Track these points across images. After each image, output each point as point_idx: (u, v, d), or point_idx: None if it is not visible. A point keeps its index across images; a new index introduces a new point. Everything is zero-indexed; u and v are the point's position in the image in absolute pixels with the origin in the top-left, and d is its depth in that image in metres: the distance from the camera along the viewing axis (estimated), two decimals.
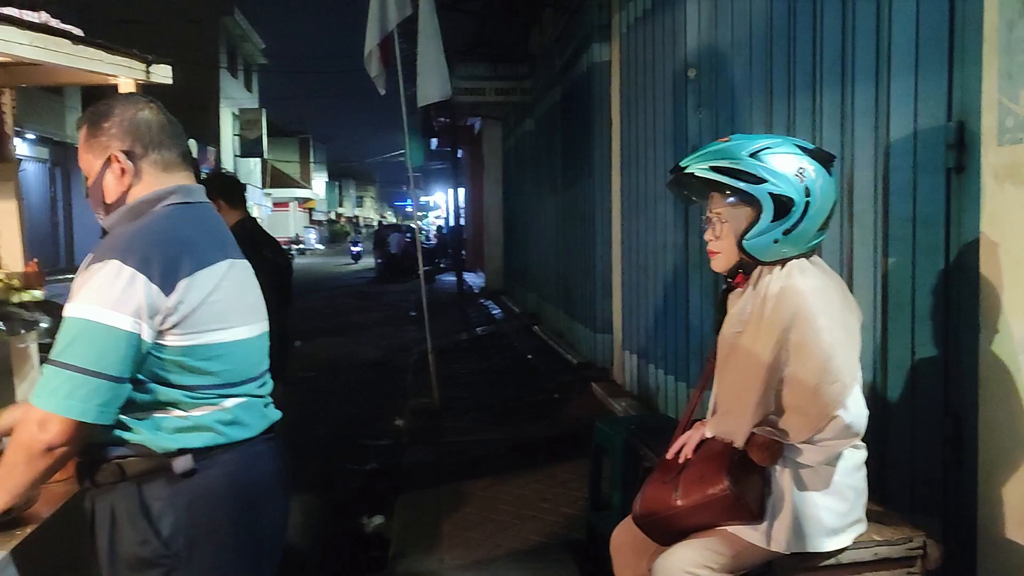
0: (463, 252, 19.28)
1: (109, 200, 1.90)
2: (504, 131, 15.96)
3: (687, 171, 2.31)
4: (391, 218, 74.55)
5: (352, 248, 35.62)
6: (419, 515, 4.60)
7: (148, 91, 2.60)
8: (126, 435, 1.78)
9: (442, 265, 24.56)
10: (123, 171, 1.86)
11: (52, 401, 1.66)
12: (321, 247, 46.78)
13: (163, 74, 2.68)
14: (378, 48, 6.71)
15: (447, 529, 4.33)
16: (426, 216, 51.19)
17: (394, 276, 22.81)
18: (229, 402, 1.84)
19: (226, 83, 33.18)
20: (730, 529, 2.22)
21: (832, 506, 2.22)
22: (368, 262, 29.88)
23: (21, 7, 2.05)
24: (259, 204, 38.71)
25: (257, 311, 1.98)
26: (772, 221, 2.20)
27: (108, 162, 1.87)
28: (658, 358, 5.76)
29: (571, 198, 8.86)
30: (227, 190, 4.14)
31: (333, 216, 62.64)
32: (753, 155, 2.23)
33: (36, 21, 1.99)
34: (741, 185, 2.22)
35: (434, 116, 16.25)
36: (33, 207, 17.64)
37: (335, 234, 55.30)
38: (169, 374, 1.76)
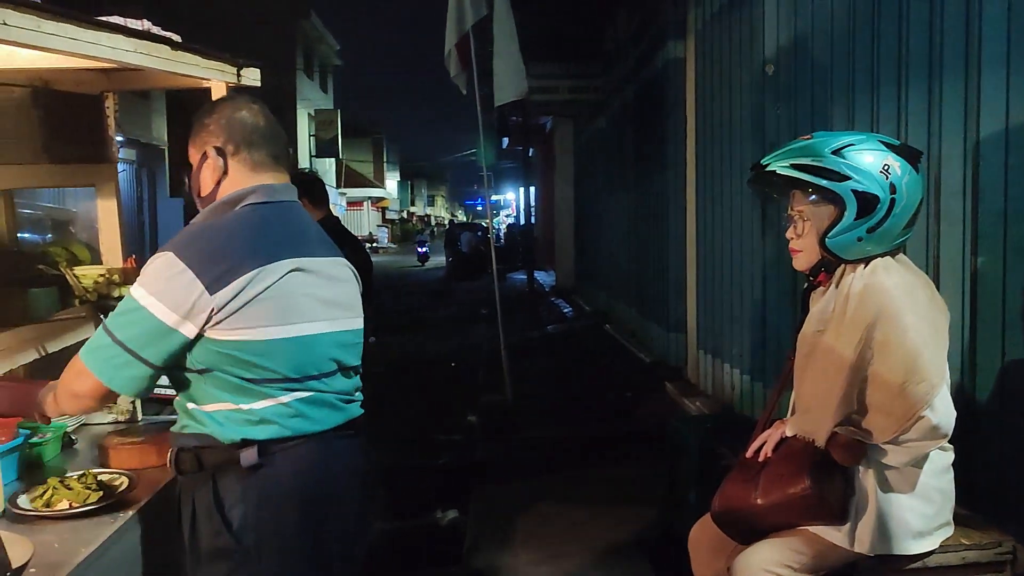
0: (533, 250, 19.28)
1: (203, 193, 1.99)
2: (576, 129, 15.93)
3: (768, 169, 2.29)
4: (461, 217, 75.08)
5: (419, 249, 32.66)
6: (493, 510, 4.65)
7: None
8: (198, 427, 1.86)
9: (514, 264, 24.62)
10: (214, 166, 1.96)
11: (90, 359, 1.80)
12: (393, 245, 47.40)
13: (252, 77, 2.77)
14: (456, 48, 6.78)
15: (521, 524, 4.37)
16: (497, 215, 51.42)
17: (465, 274, 22.95)
18: (291, 396, 1.85)
19: (302, 85, 33.86)
20: (811, 529, 2.20)
21: (918, 508, 2.18)
22: (436, 261, 30.04)
23: (100, 12, 2.15)
24: (334, 203, 39.31)
25: (334, 308, 1.97)
26: (855, 219, 2.17)
27: (204, 157, 1.97)
28: (734, 357, 5.70)
29: (644, 196, 8.81)
30: (309, 189, 4.24)
31: (405, 215, 63.41)
32: (836, 152, 2.21)
33: (139, 28, 2.09)
34: (823, 183, 2.19)
35: (507, 115, 16.31)
36: (123, 206, 18.24)
37: (407, 233, 55.98)
38: (227, 366, 1.81)
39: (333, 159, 38.09)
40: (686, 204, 7.06)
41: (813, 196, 2.23)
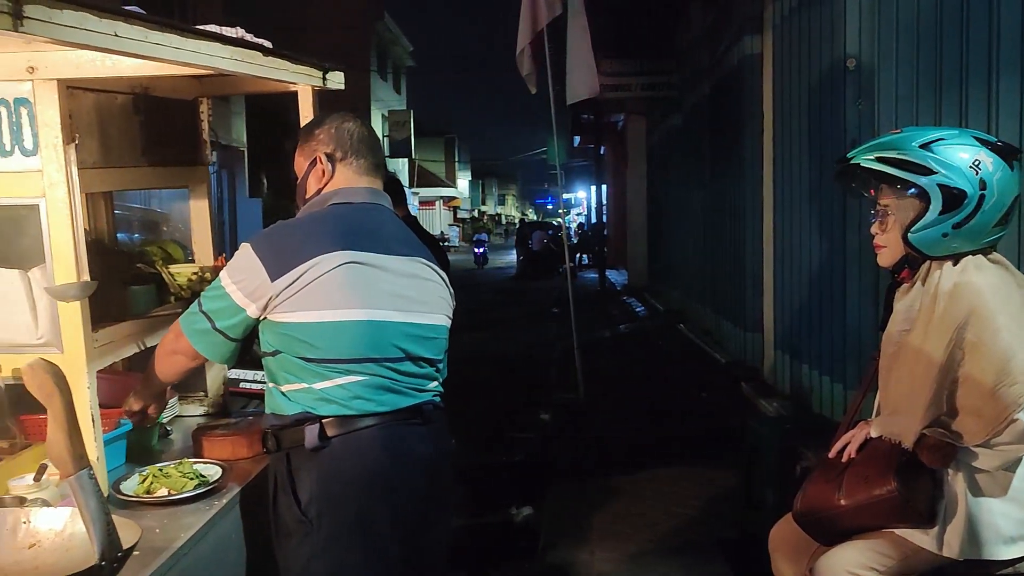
0: (605, 249, 19.23)
1: (308, 196, 2.16)
2: (649, 127, 15.82)
3: (853, 162, 2.26)
4: (532, 216, 75.19)
5: (476, 250, 30.39)
6: (568, 507, 4.67)
7: (321, 96, 2.78)
8: (276, 407, 2.04)
9: (584, 262, 24.57)
10: (323, 172, 2.13)
11: (184, 322, 2.09)
12: (465, 244, 47.75)
13: (336, 81, 2.85)
14: (529, 47, 6.82)
15: (596, 522, 4.38)
16: (568, 213, 51.29)
17: (535, 273, 22.99)
18: (351, 378, 1.97)
19: (376, 86, 34.38)
20: (897, 532, 2.16)
21: (1010, 513, 2.12)
22: (501, 260, 29.98)
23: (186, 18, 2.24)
24: (407, 203, 39.67)
25: (402, 300, 2.06)
26: (941, 214, 2.13)
27: (313, 163, 2.14)
28: (812, 358, 5.60)
29: (719, 193, 8.71)
30: (388, 189, 4.33)
31: (476, 214, 63.78)
32: (924, 146, 2.16)
33: (234, 36, 2.18)
34: (907, 176, 2.15)
35: (579, 113, 16.31)
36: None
37: (477, 231, 56.33)
38: (291, 347, 1.98)
39: (406, 159, 38.59)
40: (762, 201, 6.95)
41: (897, 189, 2.19)
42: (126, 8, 1.71)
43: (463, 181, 56.27)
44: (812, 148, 5.54)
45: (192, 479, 2.24)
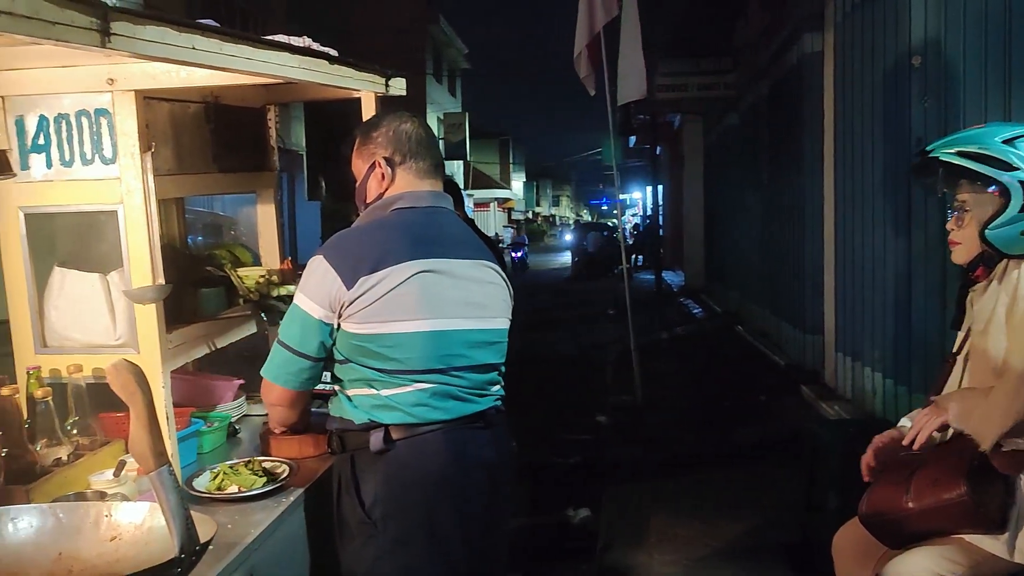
0: (661, 250, 19.08)
1: (369, 200, 2.16)
2: (705, 126, 15.67)
3: (932, 155, 2.22)
4: (586, 217, 74.93)
5: (513, 254, 27.34)
6: (626, 510, 4.66)
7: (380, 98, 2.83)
8: (341, 410, 2.07)
9: (639, 263, 24.42)
10: (383, 176, 2.12)
11: (267, 368, 2.09)
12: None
13: (398, 87, 2.90)
14: (586, 49, 6.83)
15: (655, 525, 4.37)
16: (623, 214, 50.88)
17: (590, 274, 22.92)
18: (416, 386, 1.99)
19: (431, 88, 34.62)
20: (967, 538, 2.12)
21: None
22: (552, 263, 29.77)
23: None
24: (464, 205, 39.78)
25: (467, 307, 2.06)
26: (1021, 211, 2.08)
27: (372, 167, 2.14)
28: (875, 361, 5.50)
29: (778, 193, 8.60)
30: (447, 191, 4.37)
31: (530, 215, 63.82)
32: (1007, 142, 2.12)
33: (301, 45, 2.24)
34: (986, 170, 2.11)
35: (633, 114, 16.22)
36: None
37: (532, 233, 56.33)
38: (361, 357, 1.99)
39: (461, 161, 38.81)
40: (823, 201, 6.85)
41: (977, 185, 2.15)
42: (200, 22, 1.78)
43: (517, 182, 56.36)
44: (876, 147, 5.44)
45: (261, 477, 2.29)
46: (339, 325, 2.00)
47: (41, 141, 2.23)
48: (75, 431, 2.25)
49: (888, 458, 2.33)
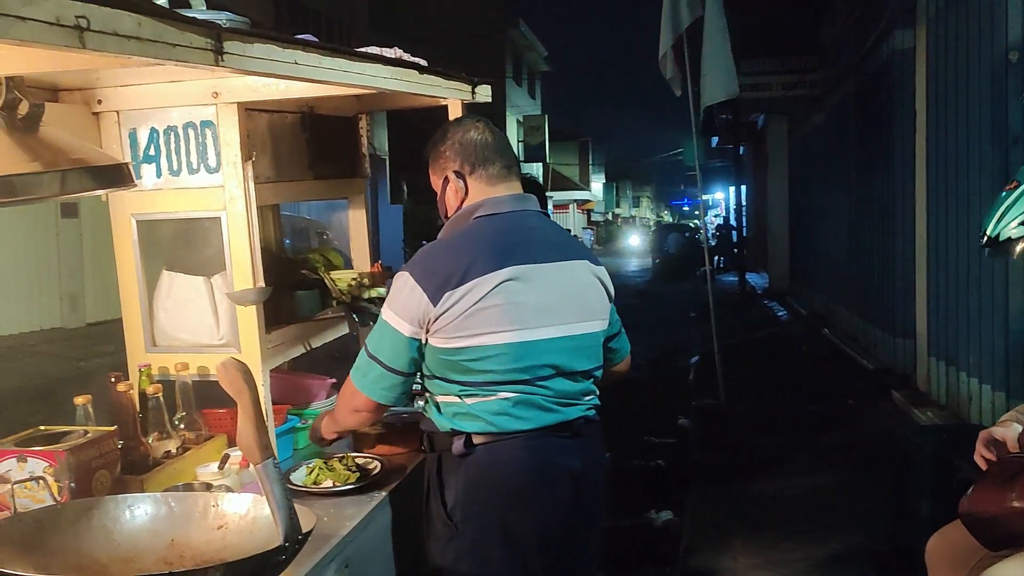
0: (744, 251, 18.76)
1: (449, 214, 2.16)
2: (790, 126, 15.37)
3: (1000, 239, 2.18)
4: (667, 218, 74.17)
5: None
6: (709, 513, 4.63)
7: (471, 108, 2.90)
8: (429, 414, 2.10)
9: (722, 265, 24.07)
10: (456, 189, 2.12)
11: (356, 377, 2.11)
12: (599, 247, 47.67)
13: (484, 94, 2.97)
14: (671, 50, 6.80)
15: (739, 529, 4.33)
16: (705, 215, 50.16)
17: (671, 276, 22.69)
18: (499, 396, 1.99)
19: (511, 91, 34.83)
20: None
21: None
22: (632, 265, 29.52)
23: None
24: (546, 205, 39.82)
25: (555, 314, 2.04)
26: None
27: (446, 181, 2.14)
28: (972, 365, 5.32)
29: (867, 193, 8.39)
30: (528, 191, 4.42)
31: (610, 217, 63.52)
32: None
33: (393, 56, 2.32)
34: None
35: (716, 114, 16.02)
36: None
37: (611, 235, 56.05)
38: (446, 369, 2.01)
39: (540, 163, 38.90)
40: (915, 202, 6.67)
41: None
42: (300, 37, 1.87)
43: (597, 184, 56.18)
44: (971, 145, 5.27)
45: (354, 472, 2.37)
46: (426, 340, 2.00)
47: (152, 152, 2.37)
48: (182, 425, 2.37)
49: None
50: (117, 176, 1.57)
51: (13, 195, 1.38)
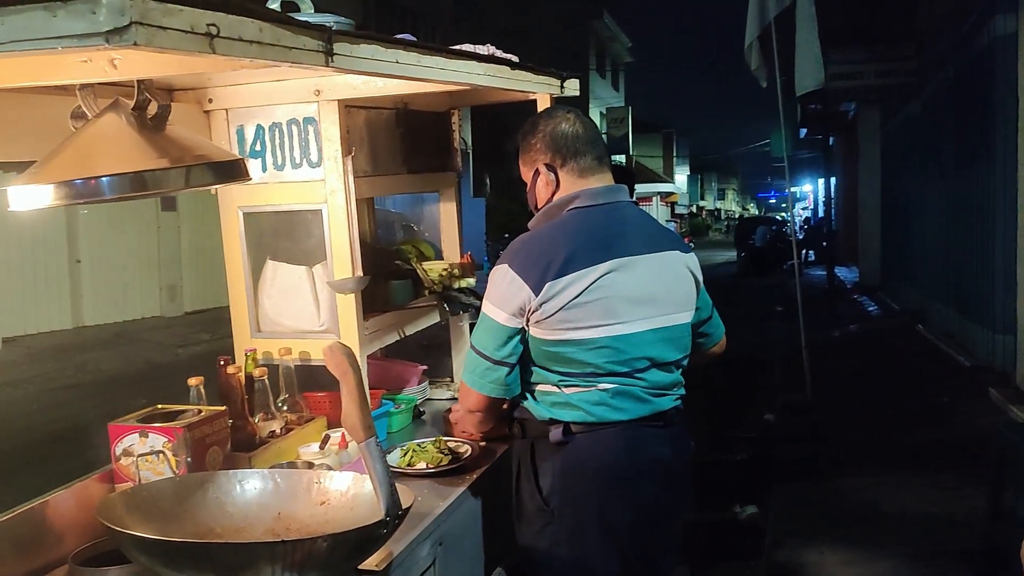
0: (834, 245, 18.29)
1: (540, 206, 2.19)
2: (883, 116, 14.91)
3: None
4: (752, 211, 72.71)
5: None
6: (795, 508, 4.59)
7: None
8: (524, 400, 2.13)
9: (810, 258, 23.51)
10: (547, 181, 2.14)
11: (466, 376, 2.13)
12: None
13: (572, 88, 3.01)
14: (758, 40, 6.71)
15: (826, 524, 4.28)
16: (793, 207, 48.98)
17: (757, 270, 22.26)
18: (598, 387, 2.02)
19: (594, 83, 34.64)
20: None
21: None
22: (716, 258, 28.99)
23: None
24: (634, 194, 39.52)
25: (650, 306, 2.06)
26: None
27: (536, 174, 2.16)
28: None
29: (965, 185, 8.12)
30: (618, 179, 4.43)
31: (694, 209, 62.65)
32: None
33: (485, 53, 2.39)
34: None
35: (805, 104, 15.66)
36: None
37: (696, 228, 55.28)
38: (545, 360, 2.04)
39: (623, 155, 38.61)
40: (1017, 193, 6.43)
41: None
42: (399, 37, 1.95)
43: (681, 176, 55.44)
44: None
45: (446, 455, 2.46)
46: (528, 330, 2.03)
47: (258, 148, 2.51)
48: (285, 407, 2.51)
49: None
50: (235, 171, 1.68)
51: (145, 189, 1.50)
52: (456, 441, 2.58)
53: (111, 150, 1.54)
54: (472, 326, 2.33)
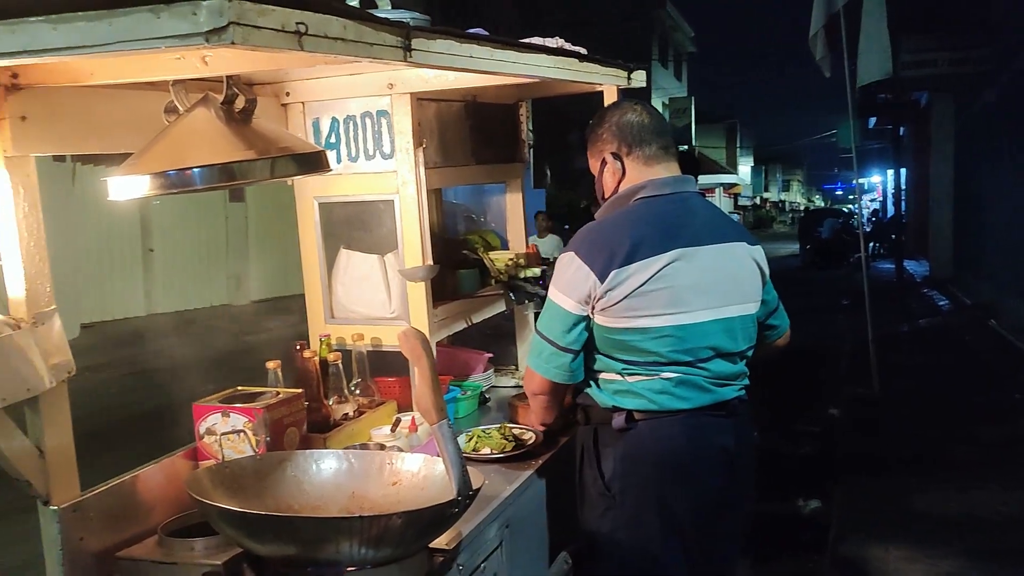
0: (903, 237, 17.84)
1: (607, 195, 2.21)
2: (957, 105, 14.48)
3: None
4: (818, 202, 71.23)
5: None
6: (859, 503, 4.55)
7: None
8: (588, 387, 2.16)
9: (879, 251, 22.97)
10: (614, 170, 2.17)
11: (531, 360, 2.16)
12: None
13: (639, 79, 3.02)
14: (823, 30, 6.61)
15: (891, 520, 4.23)
16: (860, 199, 47.84)
17: (823, 262, 21.84)
18: (661, 376, 2.05)
19: (657, 74, 34.28)
20: None
21: None
22: (781, 251, 28.46)
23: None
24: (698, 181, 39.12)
25: (715, 296, 2.07)
26: None
27: (603, 163, 2.19)
28: None
29: None
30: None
31: (758, 201, 61.63)
32: None
33: (554, 46, 2.42)
34: None
35: (875, 93, 15.29)
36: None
37: (759, 219, 54.41)
38: (609, 348, 2.07)
39: (686, 146, 38.14)
40: None
41: None
42: (471, 32, 2.00)
43: (744, 167, 54.58)
44: None
45: (511, 442, 2.51)
46: (593, 318, 2.05)
47: (333, 140, 2.59)
48: (357, 391, 2.59)
49: None
50: (316, 162, 1.75)
51: (233, 179, 1.58)
52: (520, 428, 2.63)
53: (202, 142, 1.62)
54: (537, 315, 2.38)
